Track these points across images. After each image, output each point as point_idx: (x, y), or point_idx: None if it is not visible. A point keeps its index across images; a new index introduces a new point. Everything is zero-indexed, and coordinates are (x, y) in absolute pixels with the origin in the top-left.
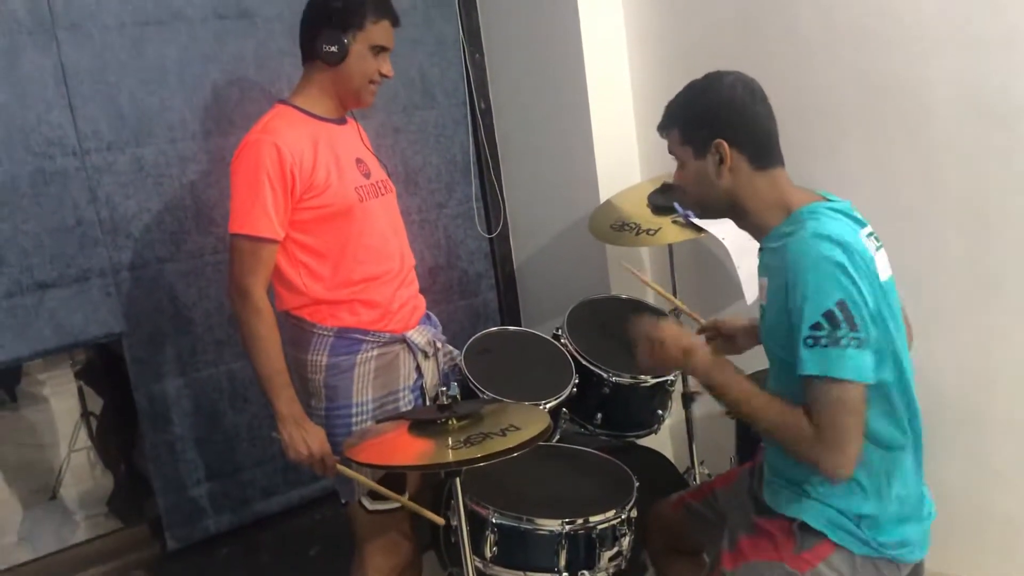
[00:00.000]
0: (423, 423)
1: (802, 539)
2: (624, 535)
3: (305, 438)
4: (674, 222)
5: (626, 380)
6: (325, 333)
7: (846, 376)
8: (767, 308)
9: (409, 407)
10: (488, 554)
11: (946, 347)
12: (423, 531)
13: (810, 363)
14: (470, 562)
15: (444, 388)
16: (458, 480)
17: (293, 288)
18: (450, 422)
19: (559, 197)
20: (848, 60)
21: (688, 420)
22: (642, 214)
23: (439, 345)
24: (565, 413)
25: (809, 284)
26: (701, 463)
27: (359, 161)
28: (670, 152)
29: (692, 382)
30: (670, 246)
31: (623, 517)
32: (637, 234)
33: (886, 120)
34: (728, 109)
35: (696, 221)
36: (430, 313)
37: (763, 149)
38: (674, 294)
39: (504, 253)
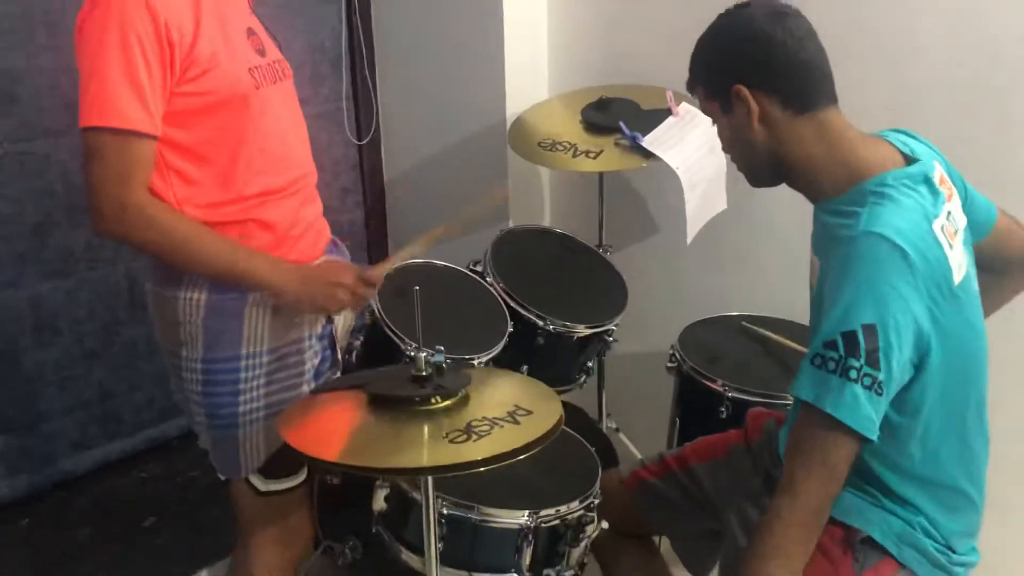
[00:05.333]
0: (392, 400)
1: (863, 556)
2: (590, 522)
3: (324, 278)
4: (616, 144)
5: (561, 329)
6: None
7: (840, 416)
8: (816, 294)
9: (315, 360)
10: None
11: None
12: None
13: (806, 385)
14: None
15: (428, 353)
16: (430, 481)
17: (164, 196)
18: (433, 401)
19: (448, 104)
20: None
21: (600, 369)
22: (575, 133)
23: None
24: (483, 364)
25: (843, 292)
26: (608, 416)
27: (251, 32)
28: (705, 114)
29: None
30: (601, 173)
31: (592, 503)
32: (575, 155)
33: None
34: (746, 46)
35: (645, 145)
36: (336, 239)
37: (798, 86)
38: (600, 228)
39: (374, 164)
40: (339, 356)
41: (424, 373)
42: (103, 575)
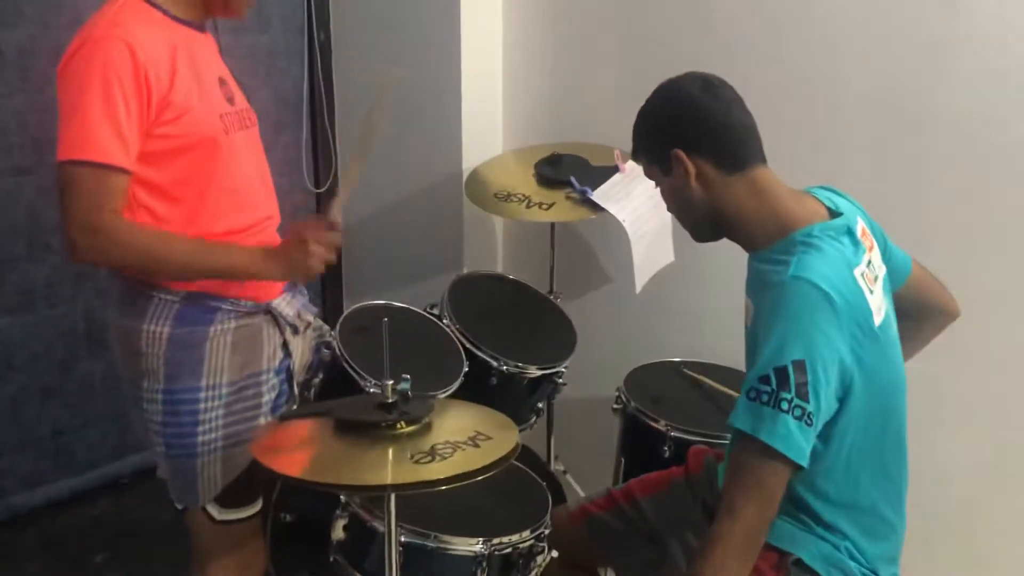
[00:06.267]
0: (359, 425)
1: None
2: (540, 552)
3: (292, 244)
4: (567, 198)
5: (514, 370)
6: (169, 298)
7: (774, 444)
8: (750, 334)
9: (272, 394)
10: None
11: None
12: None
13: (743, 416)
14: None
15: (391, 381)
16: (393, 500)
17: None
18: (399, 426)
19: (406, 157)
20: (762, 49)
21: (549, 412)
22: (528, 185)
23: (310, 319)
24: None
25: (774, 332)
26: (556, 458)
27: (222, 82)
28: (648, 177)
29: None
30: (552, 224)
31: (542, 533)
32: (528, 206)
33: (793, 116)
34: (679, 114)
35: (594, 198)
36: None
37: (728, 149)
38: (551, 276)
39: None
40: (295, 391)
41: (390, 400)
42: None
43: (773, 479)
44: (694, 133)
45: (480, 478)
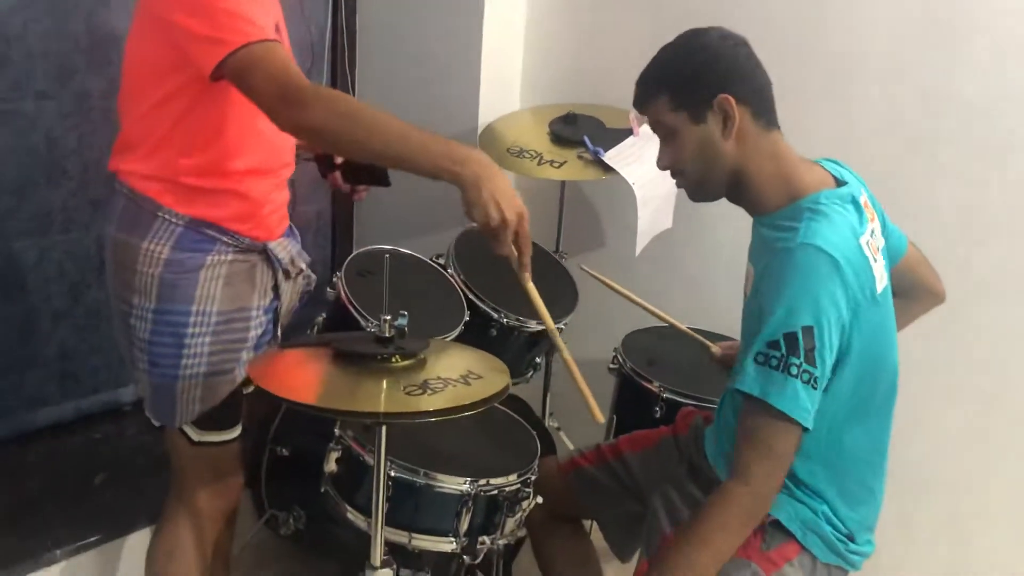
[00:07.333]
0: (356, 356)
1: (771, 537)
2: (526, 497)
3: (496, 196)
4: (579, 157)
5: (514, 323)
6: (173, 220)
7: (783, 407)
8: (751, 299)
9: (259, 331)
10: None
11: None
12: None
13: (752, 380)
14: (379, 525)
15: (388, 317)
16: (384, 429)
17: (156, 151)
18: (394, 359)
19: (423, 108)
20: (782, 21)
21: (547, 370)
22: (542, 143)
23: (302, 266)
24: None
25: (783, 297)
26: (551, 415)
27: (276, 29)
28: (654, 129)
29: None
30: (563, 183)
31: (528, 479)
32: (540, 164)
33: (809, 88)
34: (725, 61)
35: (606, 160)
36: (292, 226)
37: (765, 103)
38: (558, 234)
39: None
40: (279, 332)
41: (387, 335)
42: (52, 525)
43: (783, 442)
44: (744, 81)
45: (468, 413)
